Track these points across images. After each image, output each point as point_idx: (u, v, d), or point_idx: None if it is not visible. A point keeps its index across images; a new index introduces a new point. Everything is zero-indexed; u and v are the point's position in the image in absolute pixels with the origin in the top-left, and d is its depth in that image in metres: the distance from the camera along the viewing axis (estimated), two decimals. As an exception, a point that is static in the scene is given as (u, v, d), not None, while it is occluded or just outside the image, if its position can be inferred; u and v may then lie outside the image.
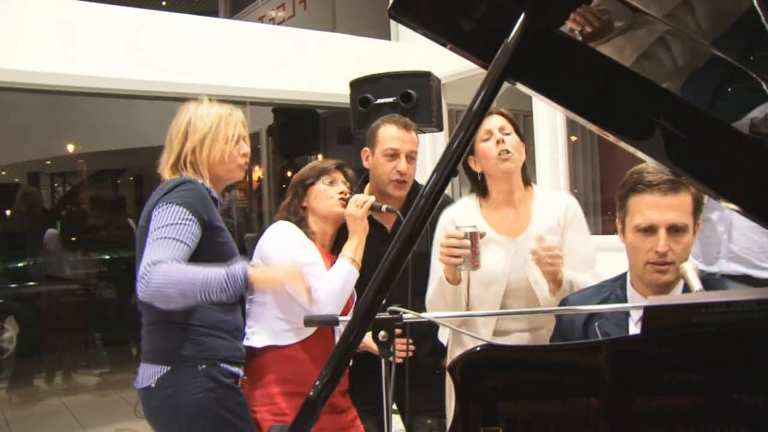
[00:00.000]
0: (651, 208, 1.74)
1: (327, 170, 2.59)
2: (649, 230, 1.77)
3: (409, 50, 5.15)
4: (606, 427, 1.10)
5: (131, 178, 12.61)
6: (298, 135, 7.21)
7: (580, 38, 1.20)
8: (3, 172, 11.81)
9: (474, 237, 2.10)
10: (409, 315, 1.45)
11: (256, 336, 2.45)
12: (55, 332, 7.17)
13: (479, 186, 2.49)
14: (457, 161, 1.09)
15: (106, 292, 7.75)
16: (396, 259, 1.05)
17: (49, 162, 11.33)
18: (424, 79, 4.29)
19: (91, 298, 7.60)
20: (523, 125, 5.09)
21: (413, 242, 1.06)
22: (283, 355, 2.42)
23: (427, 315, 1.56)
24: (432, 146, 5.12)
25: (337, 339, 2.35)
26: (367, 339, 2.51)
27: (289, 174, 8.60)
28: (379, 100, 4.26)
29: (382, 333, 1.43)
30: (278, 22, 8.19)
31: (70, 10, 4.32)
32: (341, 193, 2.55)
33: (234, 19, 9.44)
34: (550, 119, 4.64)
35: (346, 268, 2.39)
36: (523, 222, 2.38)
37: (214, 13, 10.19)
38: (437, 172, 1.10)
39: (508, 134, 2.36)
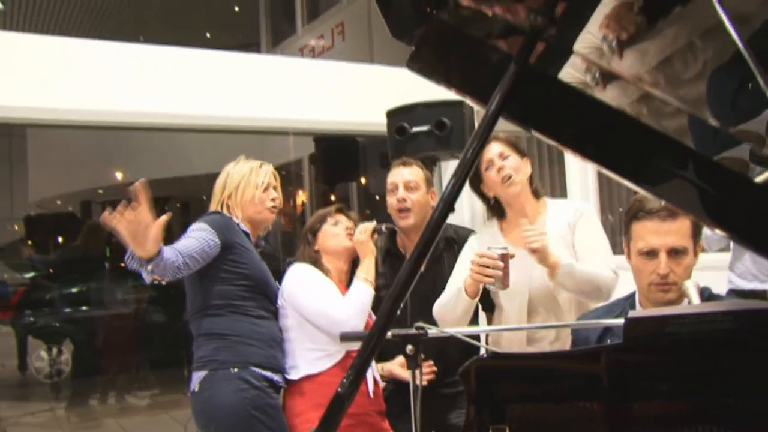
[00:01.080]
0: (652, 233, 1.90)
1: (329, 213, 2.81)
2: (651, 254, 1.92)
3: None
4: (605, 428, 1.25)
5: (178, 205, 13.00)
6: (339, 162, 7.44)
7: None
8: (58, 201, 12.31)
9: (505, 258, 2.25)
10: (433, 330, 1.63)
11: (294, 370, 2.64)
12: (109, 355, 7.51)
13: (495, 209, 2.67)
14: (455, 196, 1.24)
15: (155, 316, 8.03)
16: (413, 267, 1.21)
17: (101, 191, 11.77)
18: (456, 108, 4.49)
19: (141, 322, 7.90)
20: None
21: (425, 254, 1.21)
22: (318, 381, 2.58)
23: (450, 330, 1.72)
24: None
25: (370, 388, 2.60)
26: (392, 366, 2.69)
27: (332, 198, 8.86)
28: (415, 129, 4.47)
29: (409, 347, 1.60)
30: (318, 53, 8.45)
31: (119, 51, 4.60)
32: (347, 228, 2.76)
33: (276, 49, 9.78)
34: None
35: (362, 288, 2.59)
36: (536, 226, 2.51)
37: (256, 44, 10.52)
38: (440, 203, 1.25)
39: (506, 158, 2.52)
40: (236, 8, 10.85)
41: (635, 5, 1.34)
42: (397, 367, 2.72)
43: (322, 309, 2.55)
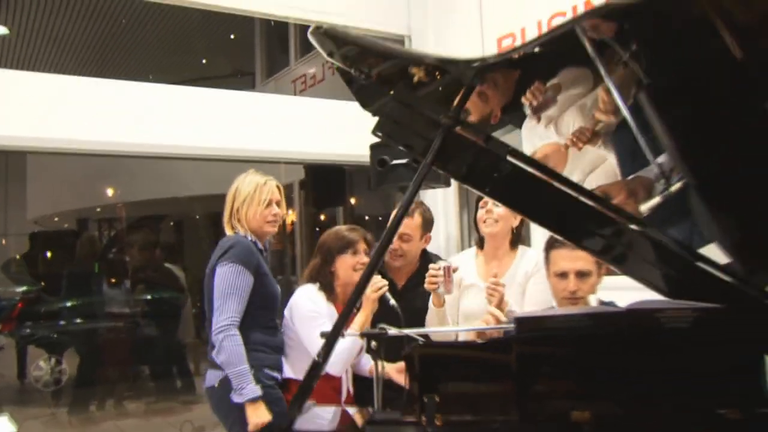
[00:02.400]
0: (564, 259, 2.43)
1: (351, 243, 3.17)
2: (563, 275, 2.45)
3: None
4: (510, 400, 1.75)
5: (171, 224, 13.43)
6: (326, 188, 7.98)
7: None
8: (56, 219, 12.73)
9: (447, 269, 2.85)
10: (392, 330, 2.14)
11: (290, 372, 3.13)
12: (106, 365, 7.96)
13: (479, 240, 3.21)
14: (391, 237, 1.77)
15: (148, 330, 8.48)
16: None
17: (99, 209, 12.21)
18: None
19: (135, 334, 8.34)
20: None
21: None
22: None
23: (406, 331, 2.22)
24: (444, 200, 5.74)
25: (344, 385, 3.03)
26: (389, 369, 3.05)
27: (322, 218, 9.34)
28: (395, 161, 4.95)
29: (373, 343, 2.12)
30: (310, 85, 8.94)
31: (117, 87, 5.07)
32: (362, 264, 3.12)
33: (269, 79, 10.25)
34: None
35: (352, 340, 2.88)
36: (501, 272, 3.05)
37: (251, 74, 10.98)
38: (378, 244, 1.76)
39: (498, 206, 3.02)
40: (232, 36, 11.25)
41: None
42: (394, 371, 2.91)
43: (314, 349, 2.82)
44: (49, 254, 10.94)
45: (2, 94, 4.48)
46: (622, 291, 2.84)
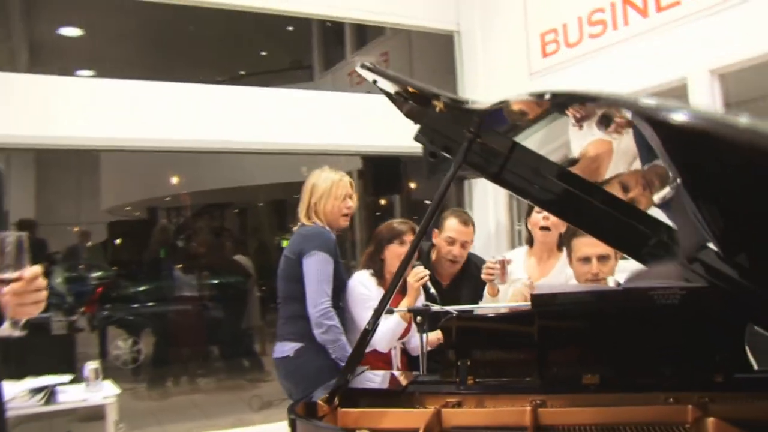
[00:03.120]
0: (586, 245, 2.74)
1: (400, 234, 3.50)
2: (586, 260, 2.76)
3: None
4: (538, 370, 2.08)
5: (235, 211, 14.02)
6: (383, 177, 8.37)
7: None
8: (127, 208, 13.43)
9: (502, 263, 3.21)
10: (435, 307, 2.49)
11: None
12: (179, 345, 8.54)
13: (529, 239, 3.54)
14: (426, 226, 2.11)
15: (217, 313, 9.01)
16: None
17: (167, 198, 12.84)
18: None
19: (205, 317, 8.88)
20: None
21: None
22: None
23: (447, 307, 2.57)
24: (494, 187, 6.01)
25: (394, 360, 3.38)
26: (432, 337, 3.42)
27: (382, 202, 9.72)
28: (445, 154, 5.28)
29: (419, 318, 2.47)
30: (364, 78, 9.27)
31: (183, 89, 5.51)
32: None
33: (326, 72, 10.63)
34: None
35: (396, 321, 3.26)
36: (544, 272, 3.39)
37: (309, 67, 11.36)
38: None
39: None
40: (290, 28, 11.58)
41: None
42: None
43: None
44: (122, 241, 11.61)
45: (77, 98, 4.94)
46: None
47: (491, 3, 6.06)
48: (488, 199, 5.99)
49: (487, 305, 3.17)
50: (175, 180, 12.26)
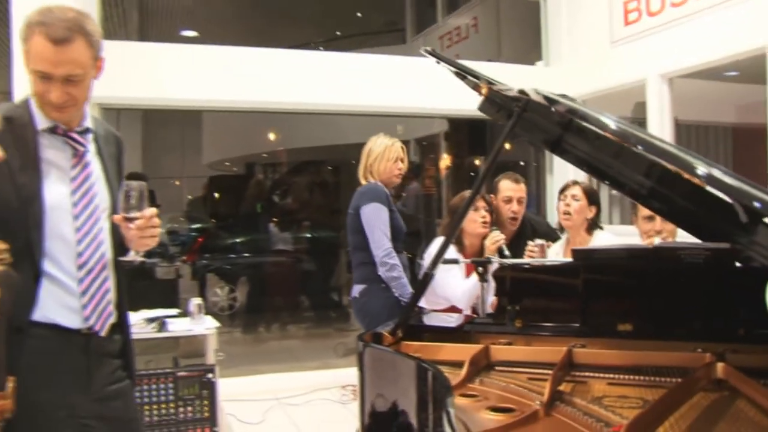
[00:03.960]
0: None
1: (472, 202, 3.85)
2: (651, 218, 3.02)
3: (555, 73, 6.32)
4: (579, 317, 2.35)
5: (329, 168, 14.47)
6: (468, 139, 8.63)
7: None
8: (227, 163, 14.09)
9: (542, 246, 3.51)
10: (495, 259, 2.79)
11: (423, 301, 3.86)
12: (272, 294, 9.12)
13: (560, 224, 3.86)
14: (481, 185, 2.40)
15: (308, 265, 9.52)
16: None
17: (265, 155, 13.41)
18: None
19: (297, 269, 9.40)
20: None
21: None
22: (432, 316, 3.68)
23: (506, 261, 2.86)
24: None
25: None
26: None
27: (477, 162, 9.95)
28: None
29: (480, 269, 2.77)
30: (455, 41, 9.49)
31: (287, 56, 5.91)
32: (483, 218, 3.76)
33: (419, 35, 10.85)
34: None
35: (474, 282, 3.46)
36: None
37: (402, 30, 11.60)
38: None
39: (577, 200, 3.62)
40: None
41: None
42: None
43: (446, 289, 3.67)
44: (221, 195, 12.22)
45: (182, 63, 5.40)
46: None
47: (577, -30, 6.18)
48: (568, 166, 6.16)
49: (536, 260, 3.43)
50: (272, 137, 12.77)
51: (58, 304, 1.93)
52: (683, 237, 2.65)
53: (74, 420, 1.97)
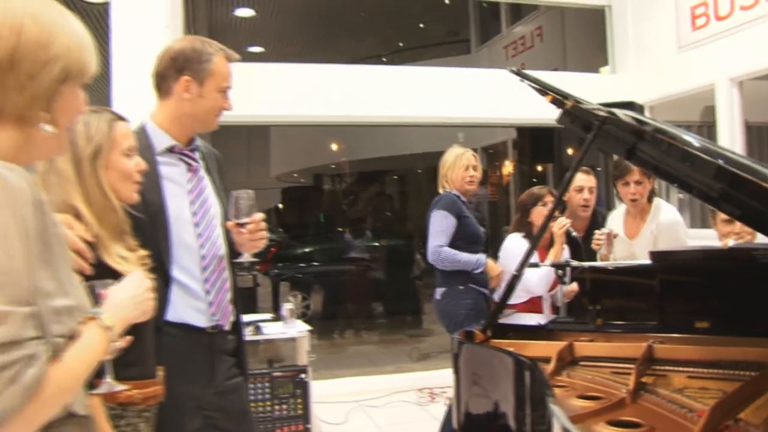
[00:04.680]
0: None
1: (540, 197, 4.03)
2: (730, 221, 3.13)
3: (621, 80, 6.40)
4: (657, 315, 2.49)
5: (395, 177, 14.73)
6: (536, 147, 8.75)
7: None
8: (295, 174, 14.46)
9: (608, 235, 3.64)
10: (573, 262, 2.94)
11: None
12: (345, 301, 9.37)
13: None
14: (567, 186, 2.56)
15: (380, 273, 9.73)
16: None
17: (333, 166, 13.74)
18: (627, 107, 5.54)
19: (369, 277, 9.63)
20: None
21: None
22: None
23: (584, 264, 3.01)
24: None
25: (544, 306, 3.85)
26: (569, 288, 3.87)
27: (540, 168, 10.06)
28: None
29: (559, 272, 2.93)
30: (519, 51, 9.60)
31: (345, 70, 6.13)
32: (550, 211, 3.96)
33: (483, 46, 10.99)
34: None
35: (548, 270, 3.70)
36: (639, 229, 3.74)
37: (466, 41, 11.73)
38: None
39: (639, 184, 3.71)
40: (447, 1, 11.93)
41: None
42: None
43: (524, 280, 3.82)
44: (290, 206, 12.56)
45: (251, 81, 5.59)
46: None
47: (643, -23, 6.25)
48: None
49: (616, 262, 3.56)
50: (335, 148, 13.08)
51: (187, 306, 2.18)
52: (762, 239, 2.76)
53: (200, 411, 2.22)
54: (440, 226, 3.99)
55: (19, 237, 1.05)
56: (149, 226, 2.12)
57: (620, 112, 2.36)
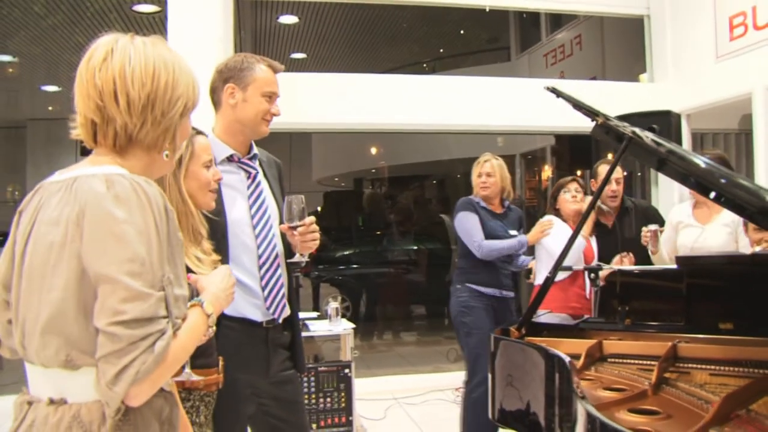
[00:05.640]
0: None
1: (564, 184, 4.31)
2: (760, 229, 3.24)
3: (659, 89, 6.49)
4: (683, 316, 2.63)
5: (434, 182, 14.86)
6: (573, 153, 8.86)
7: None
8: (336, 179, 14.69)
9: (654, 232, 3.83)
10: (604, 266, 3.09)
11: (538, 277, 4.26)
12: (385, 303, 9.56)
13: None
14: (603, 185, 2.71)
15: (418, 276, 9.90)
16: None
17: (374, 170, 13.93)
18: (665, 116, 5.71)
19: (408, 280, 9.80)
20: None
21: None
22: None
23: (614, 267, 3.16)
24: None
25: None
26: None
27: (578, 173, 10.13)
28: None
29: (591, 275, 3.08)
30: (559, 59, 9.70)
31: (389, 79, 6.35)
32: (573, 197, 4.23)
33: (523, 53, 11.09)
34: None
35: (579, 240, 3.95)
36: (712, 216, 3.85)
37: (507, 48, 11.84)
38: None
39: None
40: (487, 8, 12.00)
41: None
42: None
43: (554, 250, 3.93)
44: (333, 209, 12.77)
45: (294, 89, 5.77)
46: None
47: (680, -12, 6.35)
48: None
49: (643, 267, 3.70)
50: (375, 153, 13.26)
51: (245, 302, 2.38)
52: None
53: (256, 398, 2.43)
54: (467, 224, 4.19)
55: (156, 236, 1.33)
56: (209, 230, 2.33)
57: (644, 134, 2.50)
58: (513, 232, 4.29)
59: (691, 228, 3.91)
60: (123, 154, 1.44)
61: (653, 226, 3.86)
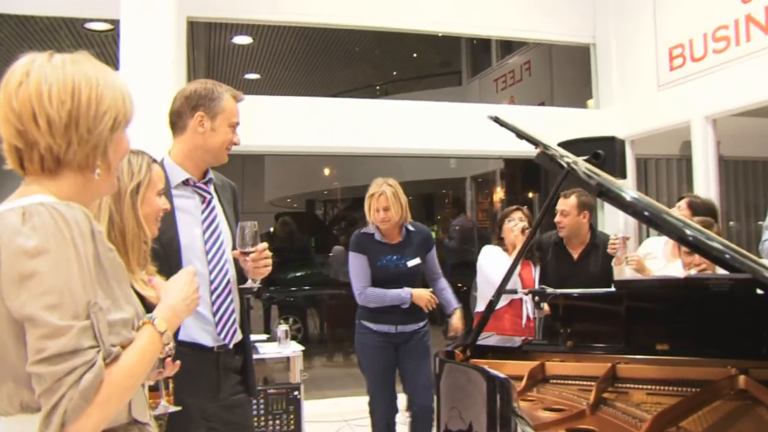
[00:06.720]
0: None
1: (507, 214, 4.45)
2: (690, 253, 3.36)
3: (604, 115, 6.69)
4: (623, 338, 2.72)
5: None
6: (524, 176, 9.04)
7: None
8: (288, 200, 14.69)
9: (623, 239, 4.05)
10: (549, 290, 3.17)
11: (479, 305, 4.36)
12: (334, 325, 9.55)
13: None
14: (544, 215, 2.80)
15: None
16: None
17: (326, 192, 13.98)
18: (609, 142, 5.85)
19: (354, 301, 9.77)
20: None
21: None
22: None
23: (557, 291, 3.23)
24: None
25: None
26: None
27: (530, 195, 10.32)
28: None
29: (536, 298, 3.16)
30: (509, 84, 9.91)
31: (345, 104, 6.41)
32: (515, 227, 4.32)
33: (474, 78, 11.29)
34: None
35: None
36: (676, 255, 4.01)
37: (458, 72, 12.04)
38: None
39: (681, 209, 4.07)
40: (440, 33, 12.14)
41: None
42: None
43: (494, 279, 4.02)
44: (285, 231, 12.72)
45: (248, 112, 5.84)
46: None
47: (625, 17, 6.57)
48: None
49: (585, 290, 3.82)
50: (328, 175, 13.31)
51: (197, 327, 2.40)
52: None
53: (205, 422, 2.44)
54: (352, 268, 4.19)
55: (77, 262, 1.27)
56: (162, 253, 2.34)
57: (581, 164, 2.60)
58: (411, 263, 4.10)
59: (656, 260, 4.09)
60: (54, 178, 1.37)
61: (622, 234, 4.09)
